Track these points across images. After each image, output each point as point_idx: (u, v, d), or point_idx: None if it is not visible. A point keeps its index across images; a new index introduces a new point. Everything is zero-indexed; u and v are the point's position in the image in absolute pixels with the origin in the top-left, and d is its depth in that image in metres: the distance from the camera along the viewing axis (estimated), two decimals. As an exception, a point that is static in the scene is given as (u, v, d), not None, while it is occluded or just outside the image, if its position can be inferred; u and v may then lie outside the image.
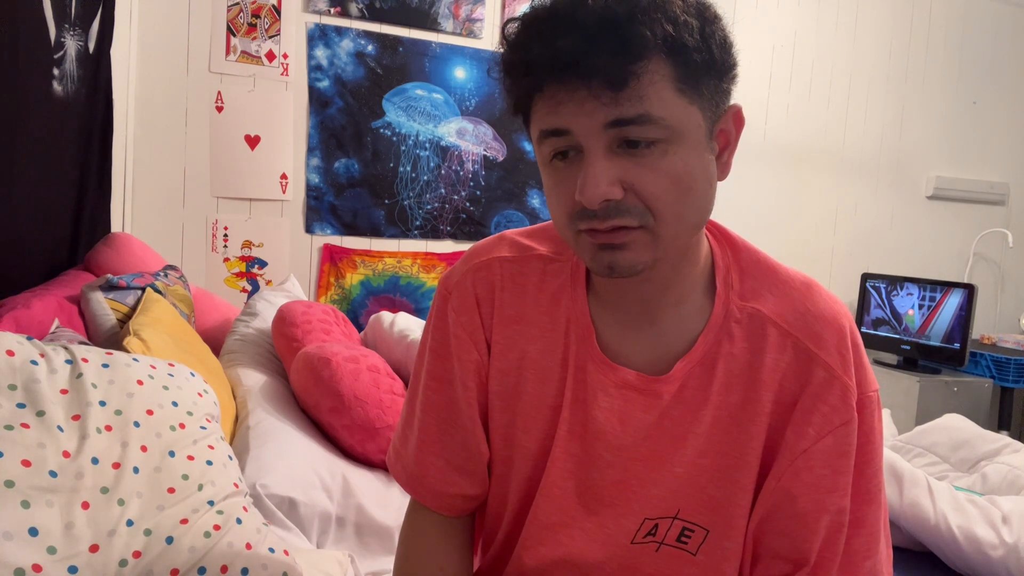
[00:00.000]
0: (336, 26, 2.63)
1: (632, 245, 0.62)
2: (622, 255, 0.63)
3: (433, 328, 0.79)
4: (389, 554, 1.34)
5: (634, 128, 0.59)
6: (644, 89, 0.58)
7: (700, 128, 0.62)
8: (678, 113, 0.60)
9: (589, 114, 0.59)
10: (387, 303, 2.80)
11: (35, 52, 1.50)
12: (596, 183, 0.59)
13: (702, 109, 0.61)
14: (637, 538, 0.73)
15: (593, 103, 0.58)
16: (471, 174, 2.88)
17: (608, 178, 0.60)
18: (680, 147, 0.60)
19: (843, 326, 0.70)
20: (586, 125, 0.59)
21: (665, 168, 0.60)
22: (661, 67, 0.58)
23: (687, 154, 0.61)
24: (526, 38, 0.61)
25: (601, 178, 0.59)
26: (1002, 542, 1.34)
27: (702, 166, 0.63)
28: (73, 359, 0.92)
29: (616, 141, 0.60)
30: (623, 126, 0.59)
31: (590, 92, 0.58)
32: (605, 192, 0.59)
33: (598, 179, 0.59)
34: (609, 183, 0.60)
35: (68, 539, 0.77)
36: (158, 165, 2.45)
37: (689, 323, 0.71)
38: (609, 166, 0.60)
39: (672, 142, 0.60)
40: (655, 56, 0.58)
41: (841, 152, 3.50)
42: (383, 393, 1.53)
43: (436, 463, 0.79)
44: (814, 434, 0.68)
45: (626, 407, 0.71)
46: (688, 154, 0.61)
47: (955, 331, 2.99)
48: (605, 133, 0.59)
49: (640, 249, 0.63)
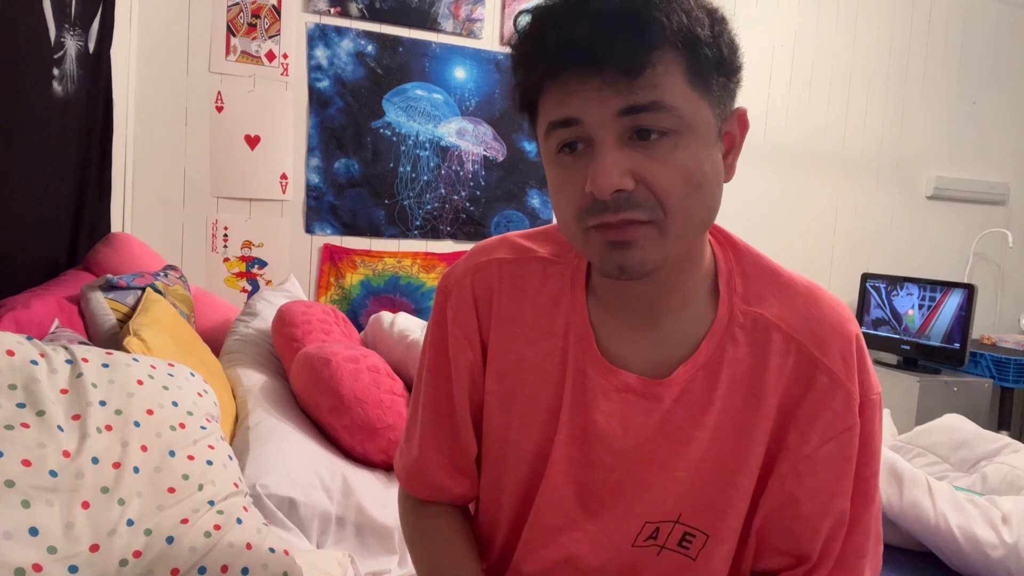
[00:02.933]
0: (336, 26, 2.63)
1: (641, 242, 0.61)
2: (632, 254, 0.62)
3: (433, 325, 0.80)
4: (389, 554, 1.34)
5: (647, 116, 0.58)
6: (658, 78, 0.58)
7: (710, 124, 0.62)
8: (689, 106, 0.60)
9: (602, 102, 0.58)
10: (387, 303, 2.80)
11: (35, 52, 1.50)
12: (608, 173, 0.59)
13: (711, 105, 0.61)
14: (638, 541, 0.73)
15: (606, 91, 0.58)
16: (471, 174, 2.88)
17: (620, 168, 0.59)
18: (691, 141, 0.60)
19: (848, 331, 0.70)
20: (598, 114, 0.59)
21: (676, 161, 0.60)
22: (674, 58, 0.58)
23: (697, 149, 0.61)
24: (540, 26, 0.61)
25: (613, 168, 0.59)
26: (1002, 542, 1.34)
27: (711, 162, 0.62)
28: (73, 359, 0.92)
29: (627, 132, 0.59)
30: (636, 113, 0.58)
31: (603, 80, 0.57)
32: (617, 182, 0.59)
33: (610, 169, 0.59)
34: (621, 173, 0.59)
35: (68, 539, 0.77)
36: (158, 165, 2.45)
37: (691, 327, 0.71)
38: (620, 157, 0.59)
39: (683, 134, 0.60)
40: (669, 46, 0.58)
41: (841, 152, 3.50)
42: (383, 393, 1.53)
43: (434, 457, 0.81)
44: (817, 440, 0.68)
45: (627, 410, 0.71)
46: (698, 149, 0.61)
47: (955, 331, 2.99)
48: (617, 122, 0.59)
49: (649, 246, 0.62)
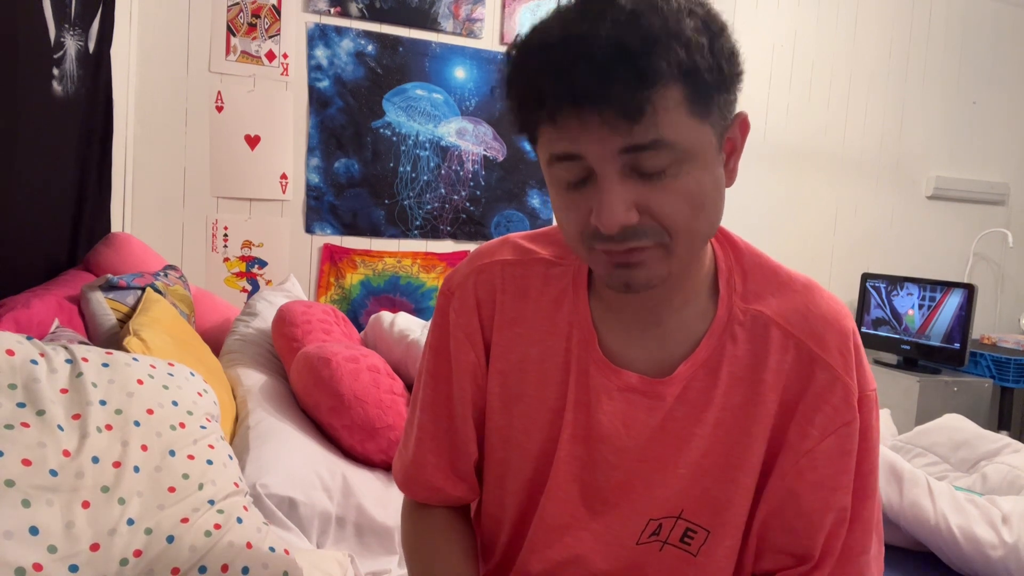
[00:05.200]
0: (336, 26, 2.63)
1: (647, 262, 0.62)
2: (638, 273, 0.63)
3: (434, 328, 0.80)
4: (389, 554, 1.35)
5: (648, 154, 0.58)
6: (659, 116, 0.57)
7: (711, 144, 0.61)
8: (691, 135, 0.59)
9: (602, 141, 0.58)
10: (387, 303, 2.80)
11: (35, 52, 1.50)
12: (613, 211, 0.59)
13: (713, 125, 0.61)
14: (642, 539, 0.73)
15: (606, 130, 0.57)
16: (471, 174, 2.88)
17: (624, 204, 0.59)
18: (693, 166, 0.60)
19: (845, 327, 0.71)
20: (599, 151, 0.59)
21: (679, 189, 0.60)
22: (675, 93, 0.57)
23: (700, 173, 0.60)
24: (537, 68, 0.59)
25: (617, 206, 0.59)
26: (1002, 542, 1.34)
27: (713, 181, 0.62)
28: (73, 359, 0.92)
29: (630, 165, 0.59)
30: (637, 152, 0.58)
31: (603, 120, 0.57)
32: (622, 220, 0.59)
33: (614, 207, 0.59)
34: (626, 209, 0.59)
35: (68, 538, 0.77)
36: (158, 165, 2.45)
37: (692, 325, 0.72)
38: (624, 191, 0.59)
39: (685, 162, 0.59)
40: (669, 82, 0.56)
41: (841, 152, 3.50)
42: (383, 393, 1.53)
43: (431, 460, 0.81)
44: (817, 435, 0.69)
45: (629, 410, 0.72)
46: (701, 172, 0.61)
47: (955, 331, 2.99)
48: (619, 158, 0.59)
49: (655, 265, 0.63)
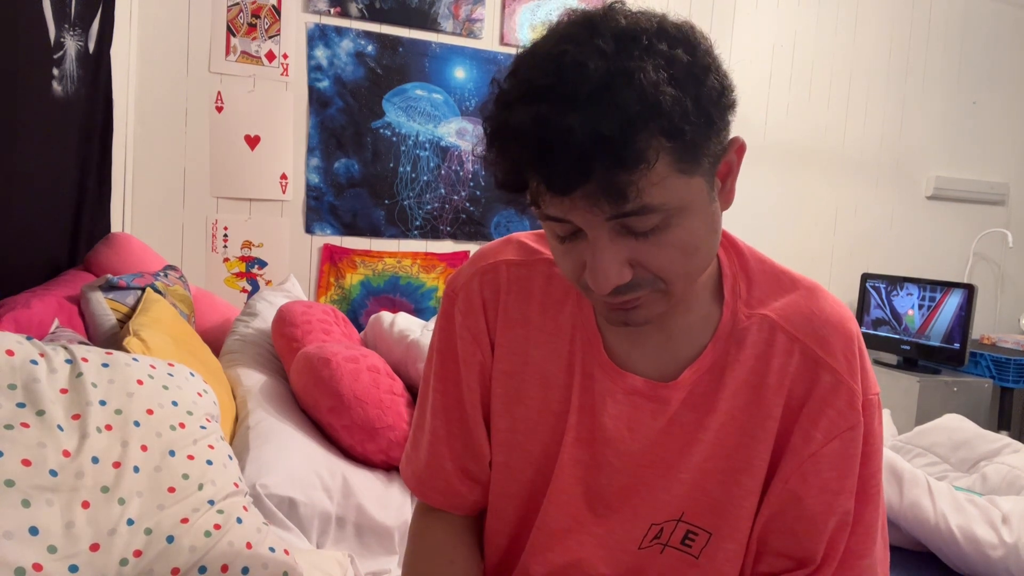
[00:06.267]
0: (336, 26, 2.63)
1: (645, 304, 0.63)
2: (636, 314, 0.64)
3: (440, 330, 0.80)
4: (389, 554, 1.35)
5: (637, 219, 0.57)
6: (644, 185, 0.55)
7: (702, 191, 0.60)
8: (680, 192, 0.57)
9: (589, 210, 0.57)
10: (387, 303, 2.80)
11: (35, 52, 1.50)
12: (606, 274, 0.59)
13: (704, 174, 0.59)
14: (644, 543, 0.73)
15: (592, 200, 0.56)
16: (471, 174, 2.88)
17: (617, 264, 0.59)
18: (684, 218, 0.59)
19: (849, 330, 0.71)
20: (588, 219, 0.58)
21: (672, 242, 0.59)
22: (662, 157, 0.55)
23: (691, 222, 0.60)
24: (515, 151, 0.56)
25: (610, 267, 0.59)
26: (1002, 542, 1.34)
27: (707, 224, 0.62)
28: (73, 359, 0.92)
29: (619, 226, 0.58)
30: (626, 217, 0.57)
31: (588, 198, 0.56)
32: (616, 280, 0.59)
33: (607, 269, 0.59)
34: (619, 268, 0.59)
35: (68, 538, 0.77)
36: (158, 165, 2.45)
37: (697, 330, 0.72)
38: (616, 250, 0.59)
39: (675, 215, 0.58)
40: (653, 150, 0.54)
41: (841, 152, 3.50)
42: (383, 393, 1.53)
43: (445, 464, 0.80)
44: (821, 438, 0.68)
45: (634, 414, 0.71)
46: (692, 221, 0.60)
47: (955, 331, 2.99)
48: (607, 223, 0.58)
49: (652, 306, 0.64)
